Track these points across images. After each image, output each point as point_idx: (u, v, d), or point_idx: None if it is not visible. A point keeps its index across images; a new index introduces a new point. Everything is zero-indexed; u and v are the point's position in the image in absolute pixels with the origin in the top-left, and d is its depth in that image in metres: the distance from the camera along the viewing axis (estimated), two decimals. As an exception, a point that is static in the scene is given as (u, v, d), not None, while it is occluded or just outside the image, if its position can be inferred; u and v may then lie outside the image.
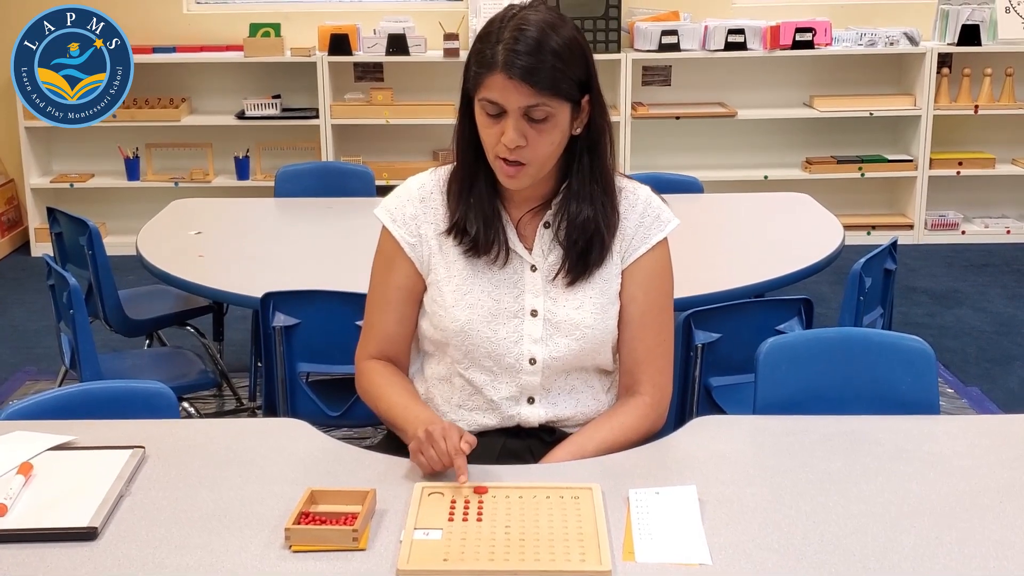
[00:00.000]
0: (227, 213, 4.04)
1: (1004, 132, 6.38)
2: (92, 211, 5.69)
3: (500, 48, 1.86)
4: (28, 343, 4.87)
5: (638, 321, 2.04)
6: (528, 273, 2.02)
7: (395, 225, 2.05)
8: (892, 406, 2.06)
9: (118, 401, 2.07)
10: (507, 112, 1.87)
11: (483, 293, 2.01)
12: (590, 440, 1.97)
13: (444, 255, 2.03)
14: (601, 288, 2.02)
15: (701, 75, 6.31)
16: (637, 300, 2.04)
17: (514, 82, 1.85)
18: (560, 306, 2.00)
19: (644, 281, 2.04)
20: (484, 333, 2.00)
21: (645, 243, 2.03)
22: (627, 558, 1.53)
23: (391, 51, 5.98)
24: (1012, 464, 1.79)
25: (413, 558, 1.50)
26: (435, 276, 2.04)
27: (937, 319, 5.08)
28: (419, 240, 2.04)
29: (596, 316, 2.00)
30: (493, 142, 1.90)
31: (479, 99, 1.90)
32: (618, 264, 2.04)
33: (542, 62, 1.85)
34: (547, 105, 1.87)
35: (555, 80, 1.86)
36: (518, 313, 2.00)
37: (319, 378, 3.01)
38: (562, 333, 2.00)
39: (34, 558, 1.53)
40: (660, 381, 2.06)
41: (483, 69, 1.88)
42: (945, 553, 1.53)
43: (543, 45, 1.85)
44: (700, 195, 4.08)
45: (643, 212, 2.04)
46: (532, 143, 1.89)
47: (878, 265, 3.04)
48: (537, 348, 2.00)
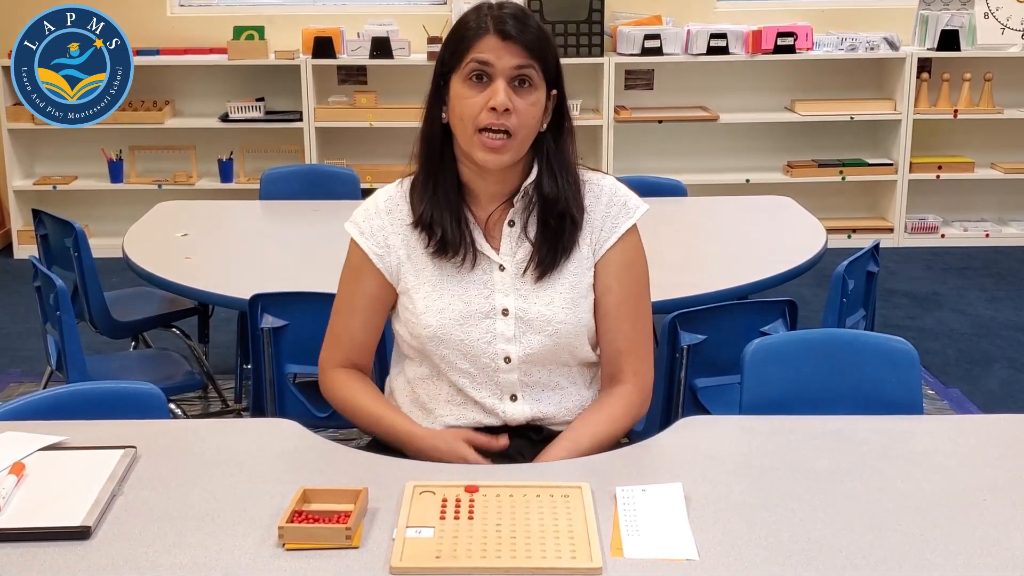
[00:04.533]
0: (213, 215, 4.04)
1: (983, 136, 6.44)
2: (75, 213, 5.61)
3: (488, 18, 1.94)
4: (12, 345, 4.85)
5: (615, 311, 2.06)
6: (497, 273, 2.03)
7: (362, 237, 2.07)
8: (876, 406, 2.08)
9: (108, 402, 2.07)
10: (495, 76, 1.92)
11: (453, 296, 2.02)
12: (583, 434, 2.00)
13: (413, 263, 2.04)
14: (571, 282, 2.03)
15: (683, 79, 6.34)
16: (612, 291, 2.05)
17: (506, 42, 1.92)
18: (531, 303, 2.02)
19: (617, 271, 2.05)
20: (457, 336, 2.01)
21: (614, 232, 2.05)
22: (615, 554, 1.54)
23: (375, 54, 6.00)
24: (995, 463, 1.82)
25: (406, 556, 1.52)
26: (405, 284, 2.05)
27: (917, 321, 5.12)
28: (386, 251, 2.06)
29: (567, 311, 2.02)
30: (475, 112, 1.93)
31: (466, 64, 1.93)
32: (589, 257, 2.05)
33: (530, 28, 1.94)
34: (533, 69, 1.94)
35: (541, 46, 1.95)
36: (489, 313, 2.02)
37: (305, 379, 3.02)
38: (534, 330, 2.01)
39: (27, 557, 1.53)
40: (642, 368, 2.08)
41: (471, 34, 1.94)
42: (930, 550, 1.55)
43: (528, 17, 1.97)
44: (684, 198, 4.10)
45: (609, 201, 2.06)
46: (518, 110, 1.93)
47: (861, 267, 3.06)
48: (511, 347, 2.01)
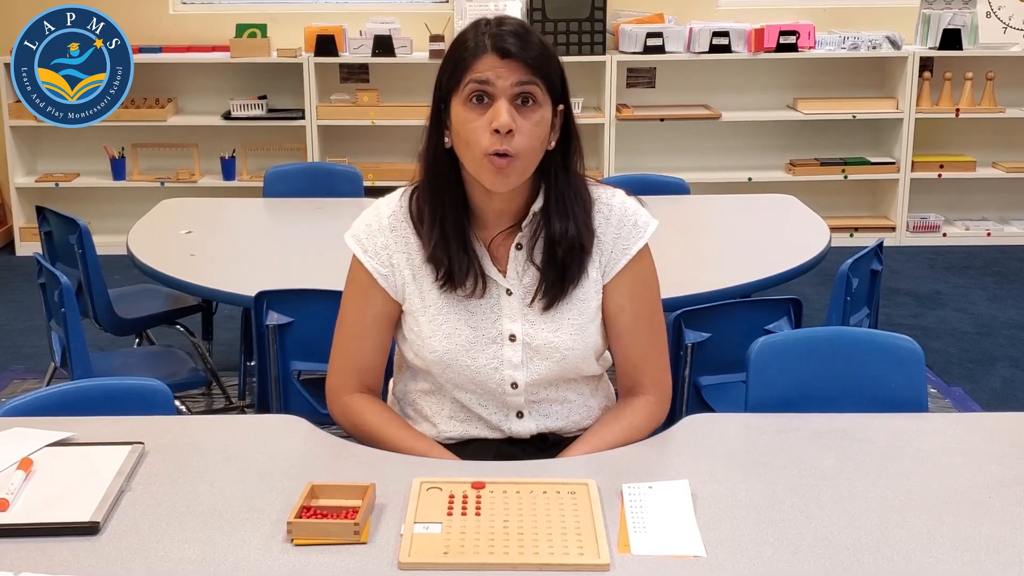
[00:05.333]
0: (217, 213, 4.05)
1: (984, 135, 6.44)
2: (77, 211, 5.61)
3: (487, 36, 1.87)
4: (15, 342, 4.86)
5: (630, 329, 2.01)
6: (504, 297, 1.98)
7: (366, 256, 2.00)
8: (881, 404, 2.08)
9: (115, 398, 2.07)
10: (496, 96, 1.84)
11: (460, 321, 1.97)
12: (602, 440, 1.96)
13: (418, 284, 1.99)
14: (579, 308, 1.98)
15: (685, 77, 6.35)
16: (626, 311, 2.01)
17: (506, 60, 1.85)
18: (538, 329, 1.97)
19: (629, 291, 2.00)
20: (464, 361, 1.97)
21: (625, 255, 1.99)
22: (623, 551, 1.54)
23: (377, 52, 6.00)
24: (999, 460, 1.82)
25: (414, 551, 1.52)
26: (410, 305, 2.00)
27: (920, 320, 5.13)
28: (391, 270, 2.00)
29: (575, 337, 1.97)
30: (479, 136, 1.85)
31: (465, 85, 1.86)
32: (597, 280, 2.00)
33: (531, 44, 1.87)
34: (536, 85, 1.86)
35: (544, 62, 1.87)
36: (496, 339, 1.97)
37: (310, 376, 3.02)
38: (541, 356, 1.97)
39: (36, 552, 1.53)
40: (661, 378, 2.06)
41: (469, 54, 1.86)
42: (937, 547, 1.55)
43: (530, 32, 1.89)
44: (687, 196, 4.10)
45: (619, 223, 2.00)
46: (521, 130, 1.85)
47: (864, 266, 3.07)
48: (518, 373, 1.98)
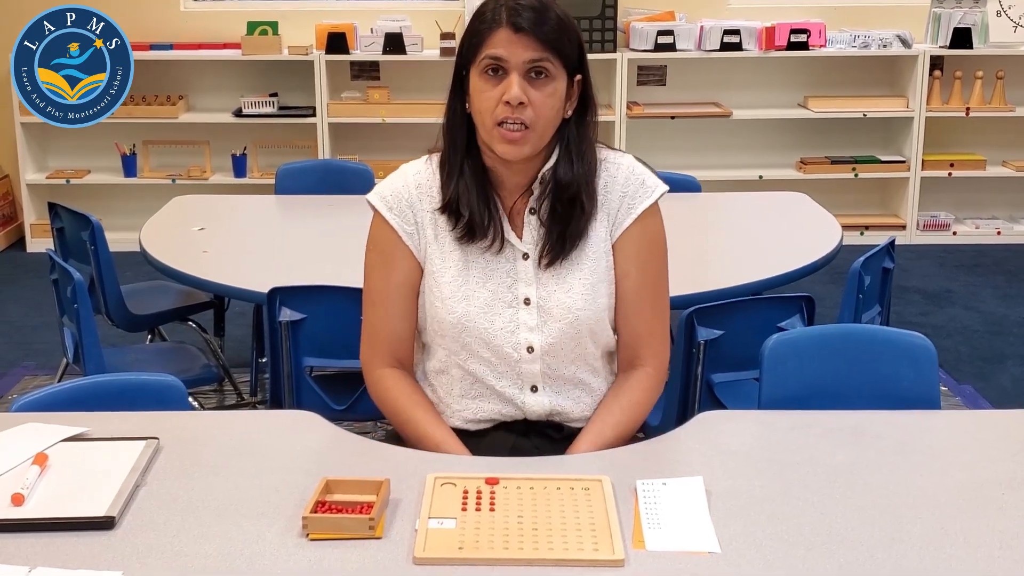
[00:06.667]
0: (229, 210, 4.05)
1: (995, 134, 6.43)
2: (88, 207, 5.58)
3: (503, 9, 1.90)
4: (26, 339, 4.87)
5: (634, 295, 2.04)
6: (520, 261, 2.01)
7: (391, 213, 2.03)
8: (894, 401, 2.08)
9: (129, 393, 2.08)
10: (510, 70, 1.89)
11: (478, 284, 2.00)
12: (605, 424, 2.00)
13: (439, 244, 2.02)
14: (590, 268, 2.01)
15: (696, 75, 6.34)
16: (631, 275, 2.03)
17: (519, 35, 1.88)
18: (551, 291, 2.00)
19: (635, 255, 2.03)
20: (481, 324, 1.99)
21: (631, 213, 2.02)
22: (637, 547, 1.55)
23: (388, 50, 6.00)
24: (1013, 457, 1.82)
25: (429, 546, 1.53)
26: (431, 266, 2.02)
27: (930, 318, 5.12)
28: (416, 228, 2.02)
29: (587, 298, 2.00)
30: (492, 106, 1.90)
31: (480, 59, 1.91)
32: (606, 240, 2.03)
33: (546, 19, 1.90)
34: (549, 61, 1.90)
35: (558, 36, 1.91)
36: (512, 303, 2.00)
37: (323, 372, 3.03)
38: (555, 319, 2.00)
39: (51, 547, 1.54)
40: (660, 349, 2.07)
41: (485, 28, 1.90)
42: (950, 543, 1.55)
43: (546, 7, 1.92)
44: (698, 194, 4.10)
45: (626, 181, 2.03)
46: (534, 102, 1.90)
47: (876, 264, 3.07)
48: (533, 336, 2.00)
